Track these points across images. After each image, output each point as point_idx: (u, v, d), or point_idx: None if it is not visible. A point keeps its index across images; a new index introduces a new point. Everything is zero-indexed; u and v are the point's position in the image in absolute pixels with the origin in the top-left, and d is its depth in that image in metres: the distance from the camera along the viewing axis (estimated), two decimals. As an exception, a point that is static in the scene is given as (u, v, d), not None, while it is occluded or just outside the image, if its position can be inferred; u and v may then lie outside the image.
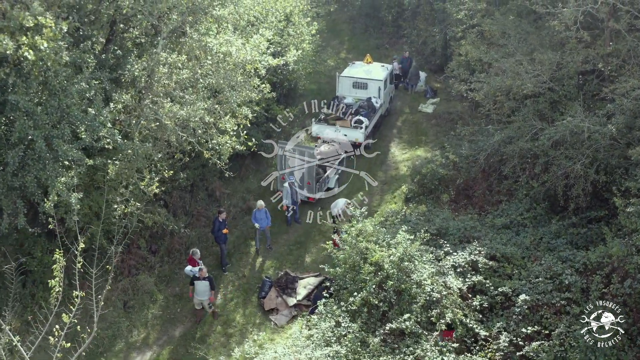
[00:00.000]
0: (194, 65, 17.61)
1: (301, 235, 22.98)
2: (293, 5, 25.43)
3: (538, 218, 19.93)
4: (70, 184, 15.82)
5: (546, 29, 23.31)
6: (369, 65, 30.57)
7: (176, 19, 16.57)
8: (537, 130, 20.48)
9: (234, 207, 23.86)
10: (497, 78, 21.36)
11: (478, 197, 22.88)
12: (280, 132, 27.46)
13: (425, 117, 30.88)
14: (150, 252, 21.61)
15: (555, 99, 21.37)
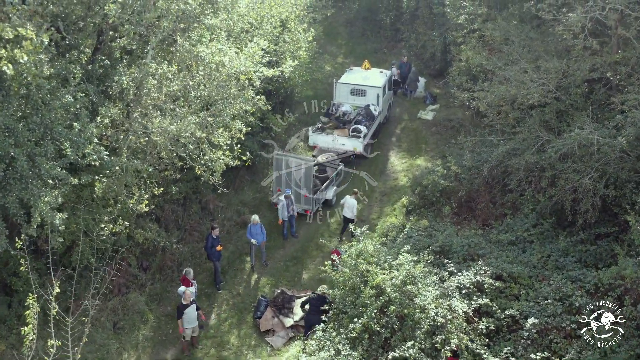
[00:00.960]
0: (185, 76, 16.76)
1: (298, 250, 22.15)
2: (289, 10, 24.59)
3: (545, 234, 19.13)
4: (54, 204, 14.99)
5: (551, 35, 22.54)
6: (367, 71, 29.74)
7: (167, 26, 15.72)
8: (543, 141, 19.68)
9: (228, 221, 23.01)
10: (502, 87, 20.54)
11: (481, 210, 22.08)
12: (275, 138, 26.69)
13: (424, 124, 30.07)
14: (141, 269, 20.76)
15: (561, 108, 20.56)
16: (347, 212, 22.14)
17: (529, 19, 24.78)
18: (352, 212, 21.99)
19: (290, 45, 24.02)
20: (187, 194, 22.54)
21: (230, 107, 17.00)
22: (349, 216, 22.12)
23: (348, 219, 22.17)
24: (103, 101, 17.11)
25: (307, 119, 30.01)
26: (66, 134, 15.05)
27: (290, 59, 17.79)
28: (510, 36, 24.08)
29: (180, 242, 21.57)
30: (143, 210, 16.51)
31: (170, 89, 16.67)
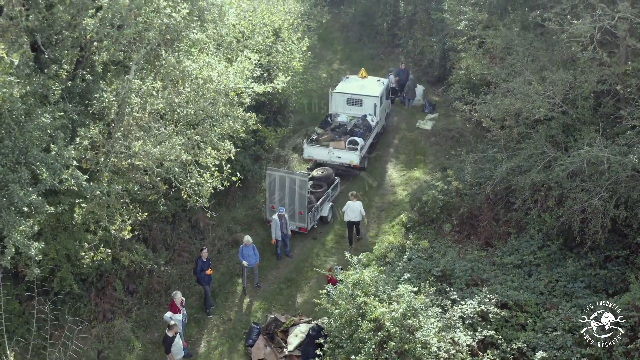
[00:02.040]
0: (170, 92, 15.74)
1: (292, 271, 21.15)
2: (282, 19, 23.54)
3: (552, 256, 18.17)
4: (30, 233, 13.99)
5: (556, 44, 21.55)
6: (363, 80, 28.73)
7: (152, 38, 14.70)
8: (549, 158, 18.68)
9: (219, 240, 21.99)
10: (505, 100, 19.53)
11: (483, 228, 21.09)
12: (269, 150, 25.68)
13: (423, 134, 29.08)
14: (127, 292, 19.76)
15: (568, 122, 19.56)
16: (351, 216, 21.81)
17: (533, 26, 23.80)
18: (359, 214, 21.81)
19: (283, 56, 22.99)
20: (176, 211, 21.51)
21: (219, 126, 15.99)
22: (354, 220, 21.86)
23: (353, 223, 21.95)
24: (84, 120, 16.14)
25: (303, 129, 29.05)
26: (42, 158, 14.06)
27: (282, 73, 16.75)
28: (513, 45, 23.12)
29: (168, 263, 20.58)
30: (126, 237, 15.49)
31: (155, 107, 15.65)
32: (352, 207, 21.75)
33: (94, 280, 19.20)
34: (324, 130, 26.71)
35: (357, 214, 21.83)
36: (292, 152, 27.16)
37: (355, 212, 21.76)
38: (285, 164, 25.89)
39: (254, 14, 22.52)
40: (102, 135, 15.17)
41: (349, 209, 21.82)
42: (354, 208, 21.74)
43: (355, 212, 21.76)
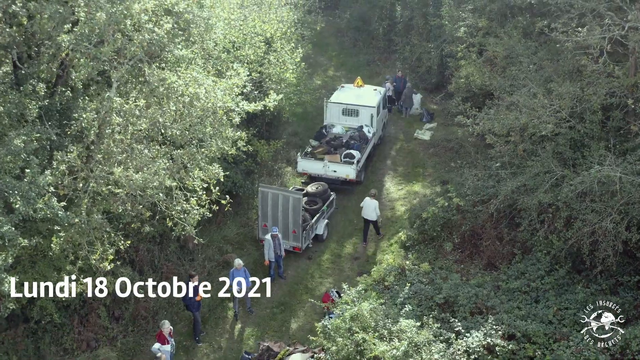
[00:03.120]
0: (154, 112, 14.69)
1: (286, 295, 20.11)
2: (274, 28, 22.47)
3: (560, 281, 17.21)
4: (4, 266, 12.95)
5: (561, 53, 20.58)
6: (359, 89, 27.74)
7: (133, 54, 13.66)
8: (557, 177, 17.70)
9: (209, 261, 20.90)
10: (510, 115, 18.52)
11: (486, 247, 20.16)
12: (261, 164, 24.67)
13: (422, 145, 28.11)
14: (112, 319, 18.69)
15: (575, 138, 18.58)
16: (367, 214, 21.89)
17: (536, 34, 22.84)
18: (374, 213, 21.90)
19: (275, 67, 21.93)
20: (163, 231, 20.40)
21: (207, 147, 14.97)
22: (369, 218, 21.93)
23: (369, 221, 22.03)
24: (62, 141, 15.10)
25: (297, 140, 28.04)
26: (14, 186, 12.99)
27: (274, 90, 15.73)
28: (515, 54, 22.16)
29: (156, 287, 19.48)
30: (107, 268, 14.44)
31: (138, 127, 14.60)
32: (367, 204, 21.90)
33: (76, 307, 18.12)
34: (319, 142, 25.69)
35: (372, 213, 21.82)
36: (286, 164, 26.14)
37: (369, 210, 21.80)
38: (278, 178, 24.88)
39: (245, 23, 21.45)
40: (81, 159, 14.11)
41: (365, 206, 21.99)
42: (368, 205, 21.84)
43: (369, 210, 21.80)
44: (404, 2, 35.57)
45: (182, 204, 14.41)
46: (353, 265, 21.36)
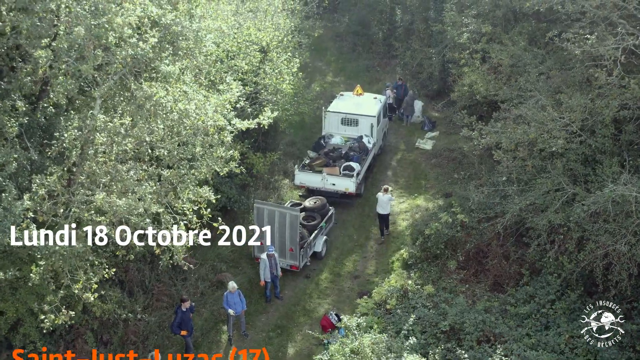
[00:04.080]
0: (140, 130, 13.74)
1: (282, 317, 19.16)
2: (270, 37, 21.48)
3: (572, 307, 16.29)
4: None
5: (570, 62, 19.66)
6: (359, 98, 26.79)
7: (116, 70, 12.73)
8: (568, 195, 16.77)
9: (202, 282, 19.92)
10: (518, 129, 17.56)
11: (492, 266, 19.24)
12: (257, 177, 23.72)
13: (423, 155, 27.17)
14: (100, 343, 17.76)
15: (587, 153, 17.64)
16: (379, 209, 21.95)
17: (542, 41, 21.92)
18: (388, 207, 21.98)
19: (271, 78, 20.96)
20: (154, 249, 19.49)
21: (197, 168, 14.04)
22: (382, 212, 21.97)
23: (382, 215, 22.09)
24: (44, 161, 14.18)
25: (294, 150, 27.10)
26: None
27: (269, 107, 14.79)
28: (521, 63, 21.23)
29: (146, 310, 18.59)
30: (90, 299, 13.50)
31: (123, 147, 13.65)
32: (381, 199, 21.83)
33: (62, 332, 17.20)
34: (317, 153, 24.73)
35: (387, 207, 21.87)
36: (283, 177, 25.20)
37: (384, 204, 21.78)
38: (275, 191, 23.94)
39: (239, 31, 20.50)
40: (61, 182, 13.16)
41: (379, 201, 21.93)
42: (383, 201, 21.80)
43: (384, 204, 21.78)
44: (404, 6, 34.63)
45: (170, 230, 13.44)
46: (353, 284, 20.43)
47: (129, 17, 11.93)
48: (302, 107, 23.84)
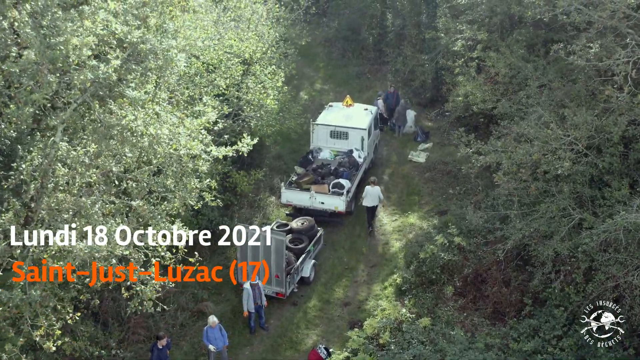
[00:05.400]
0: (106, 159, 12.40)
1: (268, 350, 17.84)
2: (253, 48, 20.10)
3: (580, 342, 15.07)
4: None
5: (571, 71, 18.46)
6: (349, 109, 25.46)
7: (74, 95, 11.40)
8: (575, 220, 15.54)
9: (182, 311, 18.61)
10: (520, 149, 16.29)
11: (492, 293, 18.02)
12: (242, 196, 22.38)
13: (417, 168, 25.86)
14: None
15: (593, 173, 16.40)
16: (369, 202, 21.79)
17: (545, 52, 20.70)
18: (378, 199, 21.86)
19: (254, 93, 19.58)
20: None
21: (169, 200, 12.71)
22: (370, 205, 21.85)
23: (370, 208, 21.97)
24: (2, 194, 12.84)
25: (281, 164, 25.79)
26: None
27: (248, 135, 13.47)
28: (521, 75, 20.01)
29: (121, 344, 17.26)
30: (52, 349, 12.16)
31: (86, 179, 12.30)
32: (370, 192, 21.65)
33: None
34: (305, 170, 23.39)
35: (375, 200, 21.77)
36: (269, 194, 23.85)
37: (373, 197, 21.67)
38: (260, 210, 22.61)
39: (220, 42, 19.13)
40: (18, 220, 11.82)
41: (368, 195, 21.70)
42: (372, 193, 21.65)
43: (373, 197, 21.67)
44: (396, 10, 33.33)
45: (138, 273, 12.12)
46: (343, 312, 19.14)
47: (87, 37, 10.56)
48: (288, 122, 22.47)
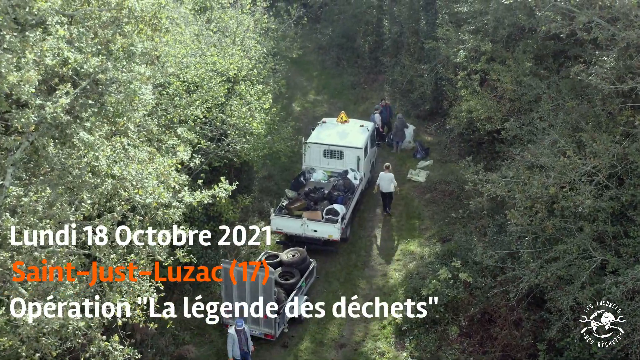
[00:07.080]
0: (62, 209, 10.69)
1: (256, 400, 16.20)
2: (238, 66, 18.32)
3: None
4: None
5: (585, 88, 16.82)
6: (344, 125, 23.75)
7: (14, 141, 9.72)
8: (597, 263, 13.87)
9: (161, 356, 16.91)
10: (534, 181, 14.58)
11: (501, 335, 16.38)
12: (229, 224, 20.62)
13: (416, 188, 24.16)
14: None
15: (615, 207, 14.70)
16: (384, 187, 22.11)
17: (556, 67, 19.05)
18: (391, 185, 22.05)
19: (240, 117, 17.80)
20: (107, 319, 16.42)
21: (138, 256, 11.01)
22: (386, 191, 22.18)
23: (385, 194, 22.36)
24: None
25: (272, 185, 24.08)
26: None
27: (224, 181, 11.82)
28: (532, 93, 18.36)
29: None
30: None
31: (39, 229, 10.60)
32: (384, 177, 21.97)
33: None
34: (297, 194, 21.65)
35: (389, 185, 21.92)
36: (258, 218, 22.12)
37: (387, 182, 21.89)
38: (249, 239, 20.83)
39: (203, 59, 17.39)
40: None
41: (382, 180, 22.02)
42: (385, 178, 21.92)
43: (387, 182, 21.89)
44: (392, 16, 31.58)
45: (99, 344, 10.42)
46: (338, 355, 17.45)
47: (27, 72, 8.83)
48: (278, 145, 20.70)
